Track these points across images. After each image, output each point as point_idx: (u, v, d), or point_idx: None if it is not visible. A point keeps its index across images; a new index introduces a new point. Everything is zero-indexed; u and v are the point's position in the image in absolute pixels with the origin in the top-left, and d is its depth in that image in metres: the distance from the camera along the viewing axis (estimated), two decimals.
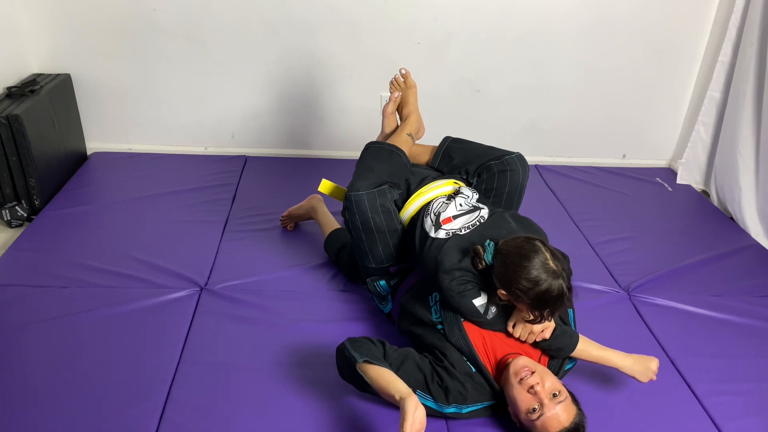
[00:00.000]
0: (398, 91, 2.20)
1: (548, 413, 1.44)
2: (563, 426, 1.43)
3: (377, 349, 1.56)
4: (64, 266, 2.11)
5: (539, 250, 1.49)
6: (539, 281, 1.45)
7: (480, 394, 1.58)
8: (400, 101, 2.21)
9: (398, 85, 2.21)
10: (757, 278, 2.32)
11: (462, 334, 1.60)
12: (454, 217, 1.72)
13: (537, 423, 1.44)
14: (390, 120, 2.21)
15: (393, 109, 2.21)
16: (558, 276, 1.46)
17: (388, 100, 2.20)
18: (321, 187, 2.08)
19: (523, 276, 1.46)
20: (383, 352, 1.56)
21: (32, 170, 2.43)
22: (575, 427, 1.44)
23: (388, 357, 1.55)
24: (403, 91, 2.21)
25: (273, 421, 1.58)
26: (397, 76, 2.22)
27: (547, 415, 1.43)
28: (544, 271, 1.46)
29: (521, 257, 1.48)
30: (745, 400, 1.74)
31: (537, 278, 1.45)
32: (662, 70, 3.06)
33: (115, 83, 2.92)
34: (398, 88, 2.21)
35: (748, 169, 2.75)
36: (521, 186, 1.94)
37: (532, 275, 1.46)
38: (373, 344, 1.57)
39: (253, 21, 2.82)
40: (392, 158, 1.95)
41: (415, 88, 2.21)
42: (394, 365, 1.53)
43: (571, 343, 1.62)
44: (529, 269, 1.46)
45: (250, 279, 2.11)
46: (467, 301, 1.58)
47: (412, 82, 2.21)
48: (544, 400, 1.45)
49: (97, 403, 1.59)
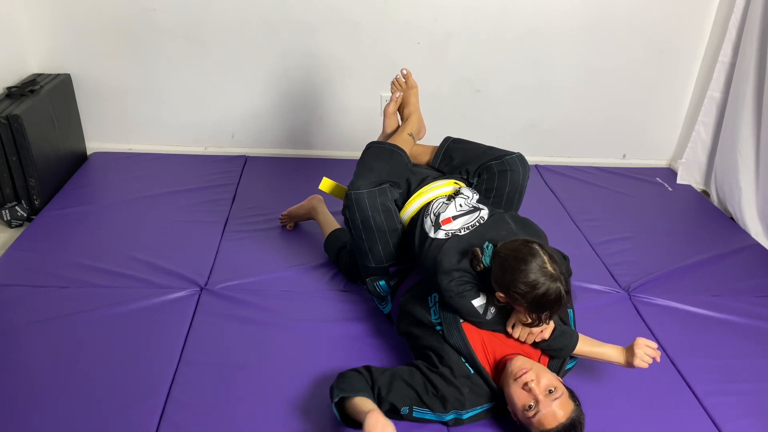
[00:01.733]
0: (399, 91, 2.20)
1: (544, 410, 1.43)
2: (559, 422, 1.43)
3: (361, 378, 1.54)
4: (64, 266, 2.11)
5: (537, 254, 1.48)
6: (537, 285, 1.45)
7: (478, 397, 1.57)
8: (401, 101, 2.21)
9: (399, 86, 2.21)
10: (757, 278, 2.32)
11: (460, 335, 1.59)
12: (454, 218, 1.71)
13: (533, 420, 1.44)
14: (391, 120, 2.21)
15: (394, 109, 2.21)
16: (556, 279, 1.46)
17: (389, 101, 2.20)
18: (322, 186, 2.08)
19: (520, 279, 1.46)
20: (370, 377, 1.55)
21: (32, 170, 2.43)
22: (572, 423, 1.44)
23: (376, 381, 1.53)
24: (404, 92, 2.21)
25: (273, 421, 1.58)
26: (399, 77, 2.22)
27: (542, 412, 1.43)
28: (542, 274, 1.45)
29: (519, 261, 1.48)
30: (745, 400, 1.74)
31: (534, 282, 1.45)
32: (662, 70, 3.06)
33: (115, 83, 2.92)
34: (399, 88, 2.21)
35: (748, 169, 2.75)
36: (521, 186, 1.94)
37: (530, 279, 1.45)
38: (359, 373, 1.56)
39: (253, 21, 2.82)
40: (393, 158, 1.95)
41: (416, 88, 2.21)
42: (384, 388, 1.52)
43: (570, 343, 1.62)
44: (527, 273, 1.46)
45: (250, 279, 2.11)
46: (466, 301, 1.58)
47: (414, 82, 2.21)
48: (539, 396, 1.45)
49: (97, 403, 1.59)
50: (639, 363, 1.61)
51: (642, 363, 1.62)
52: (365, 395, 1.50)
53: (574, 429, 1.44)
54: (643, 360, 1.62)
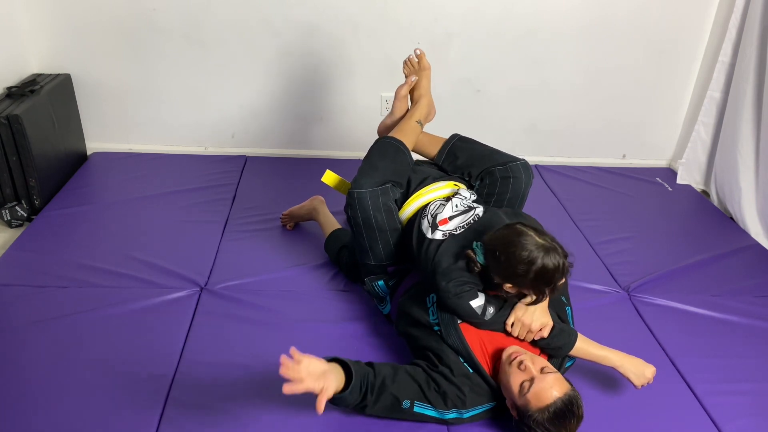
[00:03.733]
0: (411, 72, 2.14)
1: (539, 384, 1.43)
2: (556, 397, 1.42)
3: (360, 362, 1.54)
4: (64, 266, 2.11)
5: (522, 232, 1.49)
6: (533, 260, 1.45)
7: (479, 396, 1.57)
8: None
9: (412, 66, 2.15)
10: (757, 278, 2.32)
11: (458, 335, 1.59)
12: (450, 218, 1.72)
13: (529, 396, 1.43)
14: (402, 103, 2.16)
15: (406, 92, 2.15)
16: (549, 249, 1.47)
17: (404, 83, 2.14)
18: (324, 178, 2.08)
19: (516, 262, 1.46)
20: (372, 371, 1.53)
21: (32, 170, 2.43)
22: (569, 399, 1.43)
23: (378, 373, 1.53)
24: (417, 74, 2.15)
25: (273, 421, 1.58)
26: (411, 57, 2.14)
27: (539, 386, 1.43)
28: (535, 247, 1.46)
29: (508, 244, 1.48)
30: (745, 400, 1.74)
31: (530, 258, 1.45)
32: (662, 70, 3.06)
33: (115, 83, 2.92)
34: (412, 69, 2.15)
35: (748, 169, 2.75)
36: (523, 194, 1.94)
37: (524, 257, 1.46)
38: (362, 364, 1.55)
39: (253, 21, 2.82)
40: (398, 156, 1.94)
41: (428, 70, 2.14)
42: (389, 378, 1.52)
43: (569, 342, 1.62)
44: (519, 253, 1.46)
45: (250, 279, 2.11)
46: (464, 302, 1.58)
47: (427, 63, 2.13)
48: (535, 373, 1.46)
49: (97, 403, 1.59)
50: (634, 379, 1.63)
51: (639, 381, 1.63)
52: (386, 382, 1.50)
53: (571, 405, 1.42)
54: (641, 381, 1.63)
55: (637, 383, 1.64)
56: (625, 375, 1.64)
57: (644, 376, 1.64)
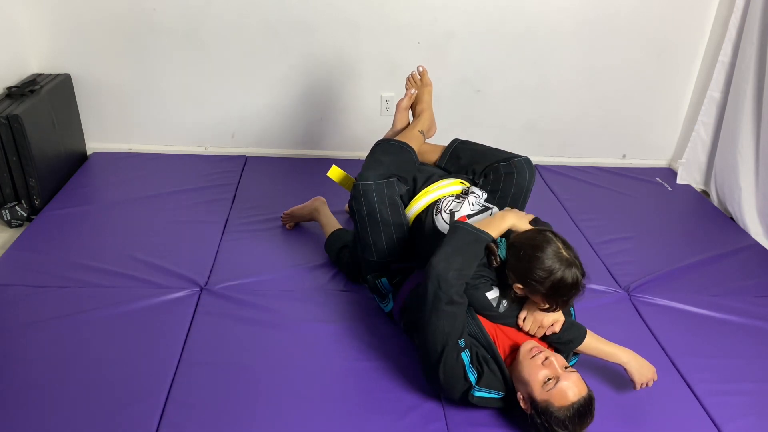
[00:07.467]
0: (414, 88, 2.21)
1: (566, 380, 1.44)
2: (581, 395, 1.44)
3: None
4: (64, 266, 2.11)
5: (551, 240, 1.51)
6: (553, 270, 1.48)
7: (494, 379, 1.56)
8: (414, 98, 2.22)
9: (414, 82, 2.22)
10: (757, 278, 2.32)
11: (478, 324, 1.60)
12: (469, 217, 1.73)
13: (554, 392, 1.44)
14: (402, 115, 2.22)
15: (407, 104, 2.23)
16: (571, 264, 1.49)
17: (404, 96, 2.21)
18: (330, 173, 2.09)
19: (537, 266, 1.49)
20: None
21: (32, 170, 2.43)
22: (590, 398, 1.46)
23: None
24: (418, 89, 2.21)
25: (273, 421, 1.58)
26: (414, 73, 2.22)
27: (565, 383, 1.44)
28: (558, 260, 1.48)
29: (534, 248, 1.50)
30: (745, 400, 1.74)
31: (551, 268, 1.48)
32: (662, 69, 3.06)
33: (116, 83, 2.92)
34: (414, 85, 2.22)
35: (748, 169, 2.75)
36: (527, 189, 1.95)
37: (546, 265, 1.48)
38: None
39: (253, 21, 2.82)
40: (402, 154, 1.96)
41: (430, 86, 2.22)
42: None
43: (579, 336, 1.64)
44: (543, 259, 1.48)
45: (250, 279, 2.11)
46: (480, 294, 1.60)
47: (428, 80, 2.22)
48: (559, 370, 1.46)
49: (97, 403, 1.59)
50: (637, 379, 1.65)
51: (640, 379, 1.65)
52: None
53: (591, 405, 1.46)
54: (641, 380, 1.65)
55: (638, 381, 1.65)
56: (630, 372, 1.65)
57: (646, 376, 1.65)
